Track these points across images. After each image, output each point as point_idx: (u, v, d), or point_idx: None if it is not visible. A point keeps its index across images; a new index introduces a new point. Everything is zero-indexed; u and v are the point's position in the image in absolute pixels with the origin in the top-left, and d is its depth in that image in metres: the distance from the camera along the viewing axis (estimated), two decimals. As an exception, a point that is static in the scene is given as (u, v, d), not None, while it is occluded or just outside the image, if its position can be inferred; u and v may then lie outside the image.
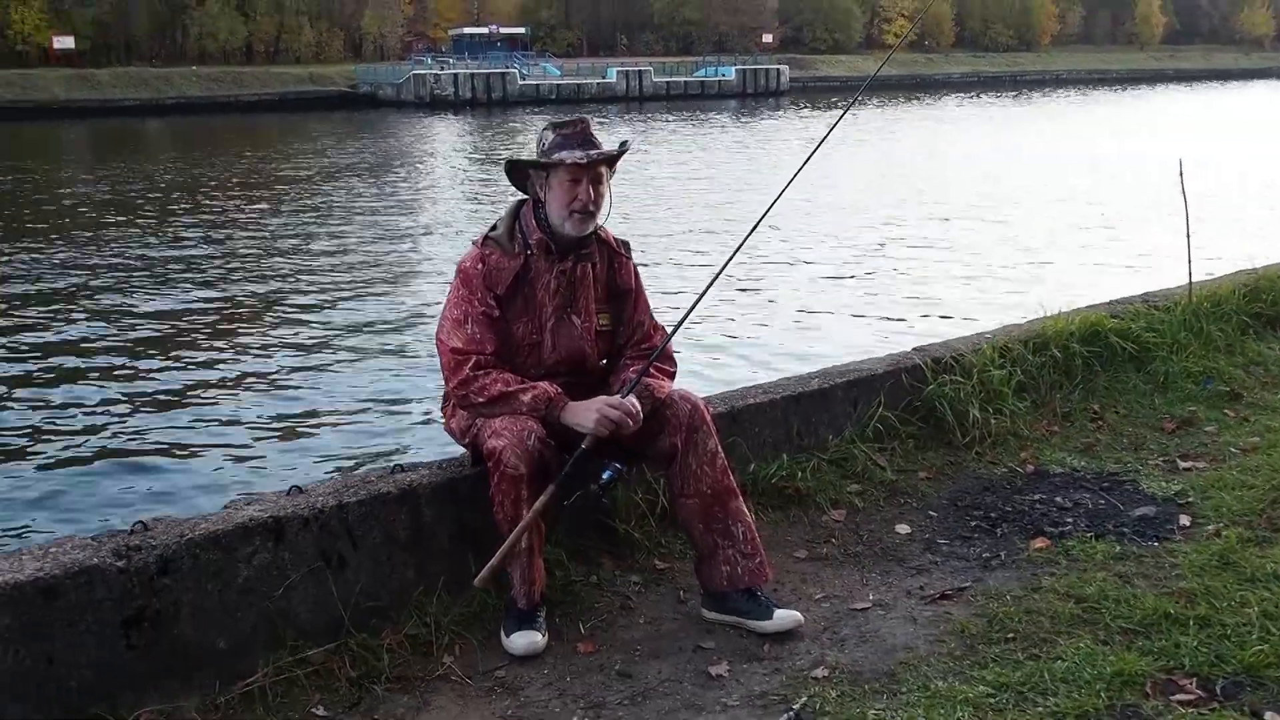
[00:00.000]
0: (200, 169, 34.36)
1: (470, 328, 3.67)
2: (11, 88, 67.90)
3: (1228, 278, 7.56)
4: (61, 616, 3.04)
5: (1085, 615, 3.63)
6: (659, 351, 3.79)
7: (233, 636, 3.32)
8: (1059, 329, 5.96)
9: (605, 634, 3.70)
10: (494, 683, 3.42)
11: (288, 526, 3.43)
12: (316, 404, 10.62)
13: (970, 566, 4.12)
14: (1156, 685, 3.19)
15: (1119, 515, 4.49)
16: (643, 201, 24.95)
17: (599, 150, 3.67)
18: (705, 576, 3.79)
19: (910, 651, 3.50)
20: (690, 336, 12.12)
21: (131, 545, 3.20)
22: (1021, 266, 16.75)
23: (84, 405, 10.71)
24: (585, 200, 3.66)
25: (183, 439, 9.61)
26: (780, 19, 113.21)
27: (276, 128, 56.13)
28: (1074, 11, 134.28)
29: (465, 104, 73.00)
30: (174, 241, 20.59)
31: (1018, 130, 47.95)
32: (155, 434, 9.77)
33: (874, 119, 55.53)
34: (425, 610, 3.65)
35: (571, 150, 3.65)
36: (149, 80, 73.85)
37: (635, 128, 52.31)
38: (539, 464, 3.52)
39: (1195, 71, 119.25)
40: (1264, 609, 3.53)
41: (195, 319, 14.36)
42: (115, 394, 11.06)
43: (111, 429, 9.97)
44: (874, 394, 5.13)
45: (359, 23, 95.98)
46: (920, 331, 8.53)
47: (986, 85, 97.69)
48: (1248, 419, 5.63)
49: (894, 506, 4.70)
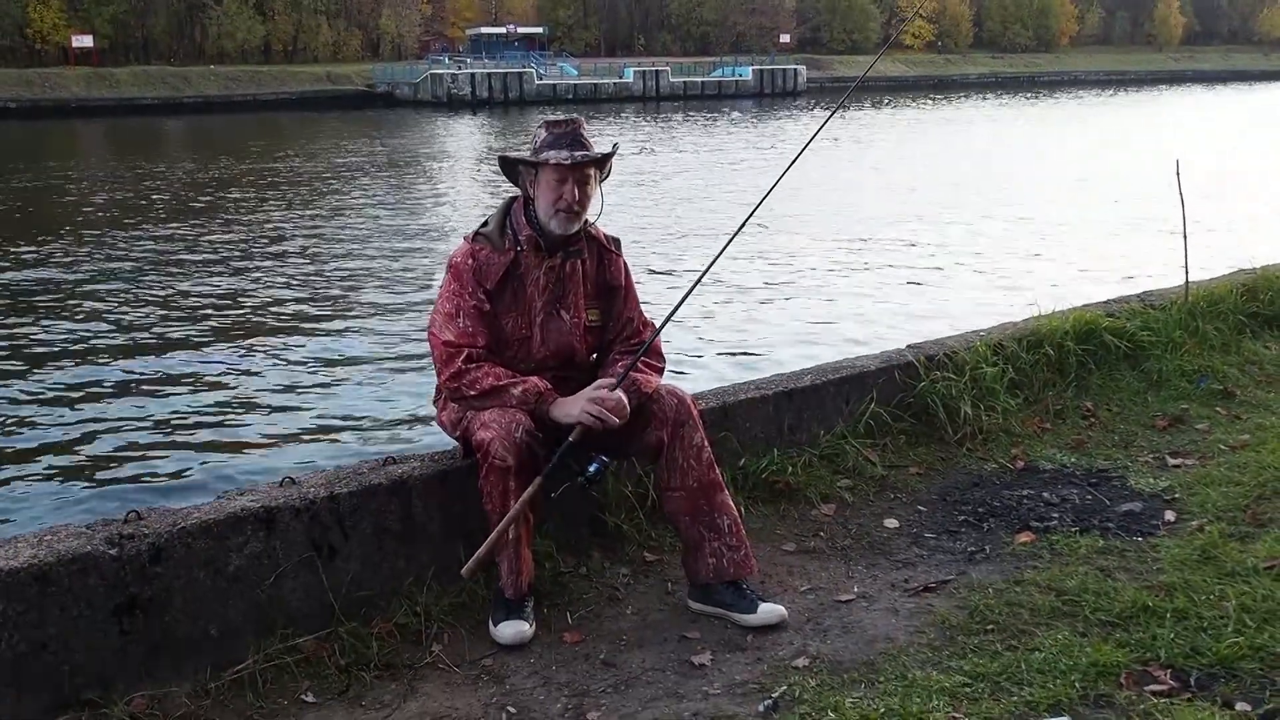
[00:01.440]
0: (214, 167, 34.50)
1: (462, 321, 3.73)
2: (31, 86, 68.35)
3: (1226, 277, 7.58)
4: (55, 603, 3.11)
5: (1065, 607, 3.68)
6: (646, 346, 3.84)
7: (224, 624, 3.39)
8: (1053, 327, 6.00)
9: (592, 624, 3.76)
10: (480, 670, 3.48)
11: (279, 516, 3.50)
12: (313, 397, 10.70)
13: (955, 560, 4.18)
14: (1131, 676, 3.24)
15: (1105, 510, 4.54)
16: (648, 199, 25.03)
17: (584, 152, 3.72)
18: (691, 569, 3.85)
19: (891, 642, 3.55)
20: (684, 333, 12.22)
21: (125, 534, 3.27)
22: (1020, 266, 16.70)
23: (82, 397, 10.80)
24: (570, 200, 3.73)
25: (178, 431, 9.70)
26: (798, 19, 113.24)
27: (293, 127, 56.31)
28: (1093, 13, 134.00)
29: (482, 103, 73.17)
30: (178, 237, 20.68)
31: (1027, 130, 47.94)
32: (151, 425, 9.85)
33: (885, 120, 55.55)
34: (415, 599, 3.71)
35: (559, 150, 3.71)
36: (167, 79, 74.19)
37: (650, 127, 52.38)
38: (527, 456, 3.58)
39: (1214, 73, 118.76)
40: (1241, 602, 3.57)
41: (195, 312, 14.46)
42: (112, 386, 11.16)
43: (108, 420, 10.05)
44: (866, 390, 5.18)
45: (376, 22, 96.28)
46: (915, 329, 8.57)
47: (1004, 86, 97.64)
48: (1239, 417, 5.67)
49: (883, 501, 4.75)
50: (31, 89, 68.06)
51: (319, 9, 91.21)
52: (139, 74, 74.54)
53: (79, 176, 32.76)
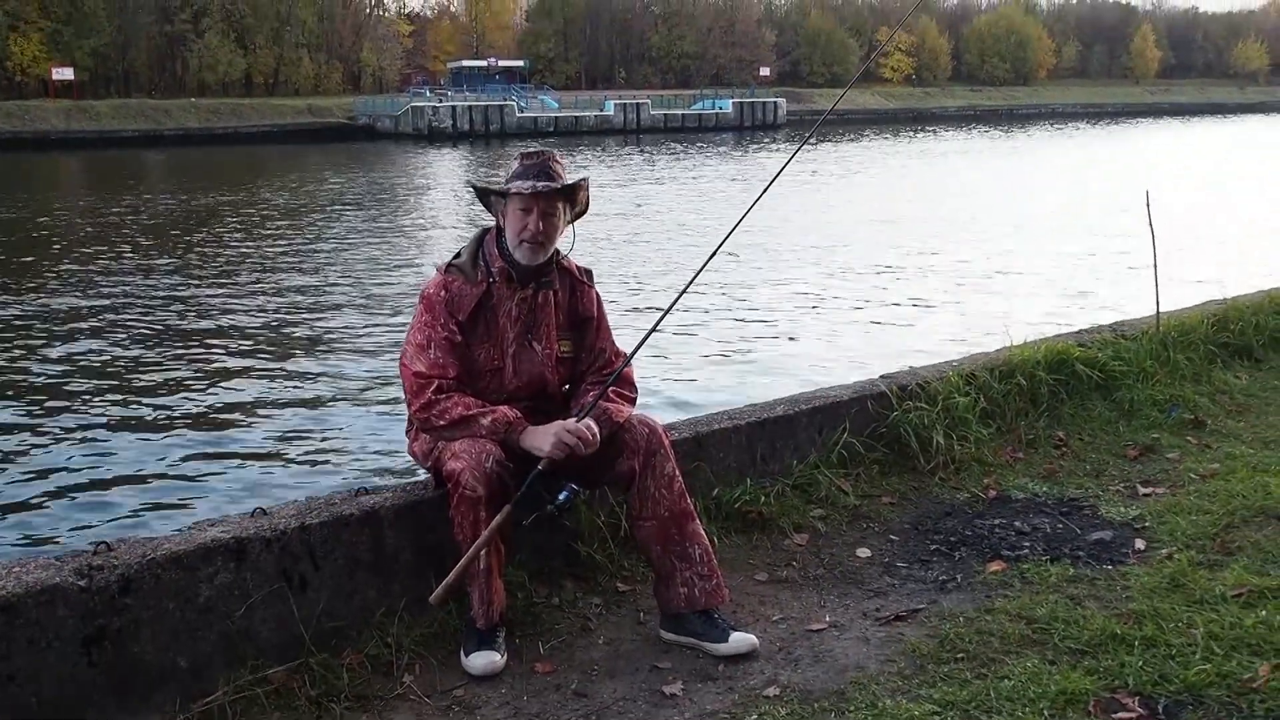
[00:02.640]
0: (193, 199, 34.46)
1: (433, 352, 3.75)
2: (10, 119, 68.26)
3: (1197, 307, 7.65)
4: (23, 634, 3.10)
5: (1035, 635, 3.69)
6: (615, 375, 3.86)
7: (193, 655, 3.38)
8: (1025, 357, 6.04)
9: (564, 654, 3.76)
10: (451, 701, 3.48)
11: (250, 547, 3.50)
12: (285, 427, 10.68)
13: (927, 589, 4.19)
14: (1099, 703, 3.25)
15: (1075, 539, 4.56)
16: (625, 230, 25.12)
17: (546, 183, 3.74)
18: (663, 598, 3.85)
19: (861, 671, 3.56)
20: (657, 363, 12.27)
21: (94, 565, 3.27)
22: (992, 296, 16.80)
23: (52, 427, 10.76)
24: (534, 231, 3.75)
25: (149, 462, 9.66)
26: (778, 53, 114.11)
27: (274, 159, 56.32)
28: (1070, 46, 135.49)
29: (463, 136, 73.40)
30: (153, 269, 20.66)
31: (1003, 162, 48.34)
32: (122, 457, 9.82)
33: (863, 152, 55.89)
34: (386, 630, 3.71)
35: (525, 180, 3.74)
36: (147, 112, 74.22)
37: (630, 159, 52.56)
38: (497, 486, 3.59)
39: (1190, 105, 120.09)
40: (1210, 630, 3.59)
41: (167, 343, 14.43)
42: (83, 416, 11.12)
43: (78, 452, 10.01)
44: (839, 420, 5.20)
45: (358, 55, 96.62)
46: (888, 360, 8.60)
47: (982, 119, 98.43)
48: (1210, 446, 5.71)
49: (856, 531, 4.77)
50: (11, 121, 67.97)
51: (300, 42, 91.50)
52: (119, 107, 74.55)
53: (58, 208, 32.72)
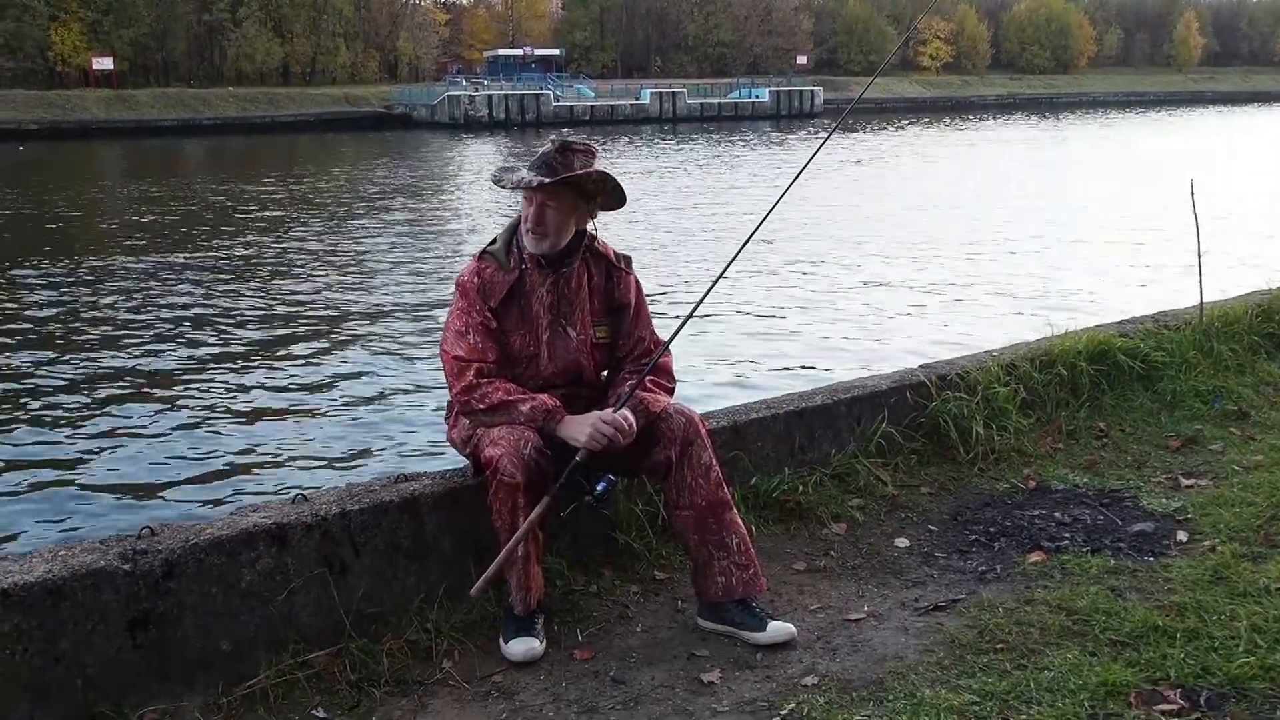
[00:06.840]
0: (231, 187, 34.69)
1: (472, 338, 3.76)
2: (52, 108, 68.93)
3: (1241, 298, 7.57)
4: (69, 617, 3.14)
5: (1075, 627, 3.67)
6: (652, 364, 3.84)
7: (235, 639, 3.41)
8: (1066, 347, 5.99)
9: (602, 641, 3.77)
10: (490, 687, 3.49)
11: (291, 533, 3.52)
12: (326, 415, 10.75)
13: (966, 579, 4.17)
14: (1140, 695, 3.23)
15: (1117, 531, 4.53)
16: (662, 220, 25.09)
17: (538, 176, 3.71)
18: (700, 587, 3.86)
19: (900, 661, 3.55)
20: (695, 351, 12.25)
21: (138, 549, 3.30)
22: (1034, 286, 16.69)
23: (97, 414, 10.88)
24: (533, 221, 3.77)
25: (193, 448, 9.75)
26: (815, 41, 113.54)
27: (310, 148, 56.61)
28: (1111, 34, 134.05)
29: (499, 125, 73.47)
30: (195, 257, 20.79)
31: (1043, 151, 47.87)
32: (166, 443, 9.92)
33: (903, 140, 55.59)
34: (426, 617, 3.73)
35: (528, 173, 3.76)
36: (186, 101, 74.71)
37: (666, 148, 52.49)
38: (535, 473, 3.59)
39: (1235, 94, 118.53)
40: (1253, 622, 3.56)
41: (211, 331, 14.54)
42: (128, 403, 11.24)
43: (123, 437, 10.13)
44: (878, 410, 5.18)
45: (394, 44, 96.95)
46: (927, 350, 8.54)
47: (1022, 107, 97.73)
48: (1254, 438, 5.65)
49: (894, 520, 4.75)
50: (52, 111, 68.62)
51: (337, 31, 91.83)
52: (158, 96, 75.11)
53: (100, 197, 33.04)
